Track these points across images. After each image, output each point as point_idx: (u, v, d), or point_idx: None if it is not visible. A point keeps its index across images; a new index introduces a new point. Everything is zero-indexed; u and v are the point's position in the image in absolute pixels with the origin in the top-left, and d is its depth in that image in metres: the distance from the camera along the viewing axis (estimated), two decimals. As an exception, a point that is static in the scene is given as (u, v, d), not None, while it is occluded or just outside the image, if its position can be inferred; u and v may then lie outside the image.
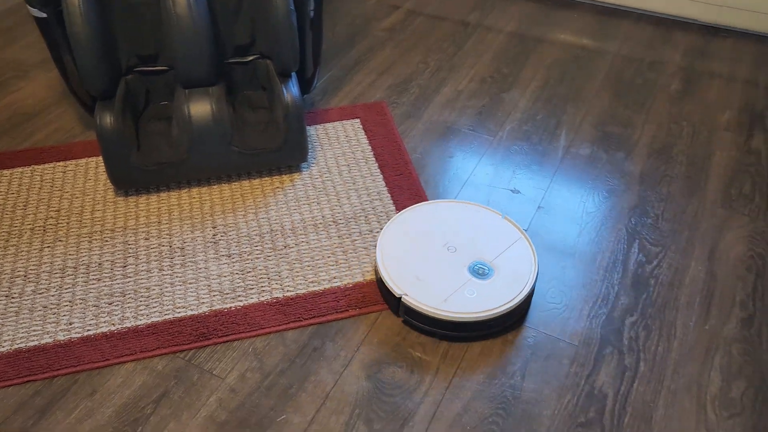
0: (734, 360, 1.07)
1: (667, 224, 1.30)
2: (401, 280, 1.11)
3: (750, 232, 1.28)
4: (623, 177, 1.41)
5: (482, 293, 1.10)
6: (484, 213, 1.24)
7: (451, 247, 1.17)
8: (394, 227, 1.21)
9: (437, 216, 1.23)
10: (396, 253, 1.16)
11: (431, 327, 1.09)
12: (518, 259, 1.15)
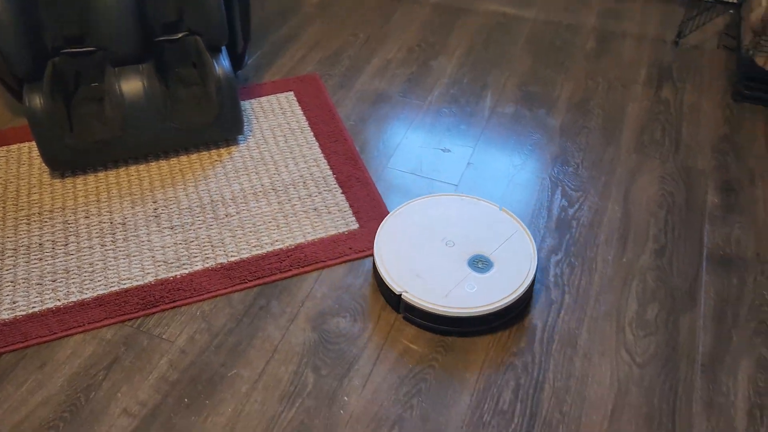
0: (648, 286, 1.17)
1: (586, 171, 1.39)
2: (400, 277, 1.10)
3: (661, 173, 1.39)
4: (545, 131, 1.49)
5: (483, 287, 1.08)
6: (482, 206, 1.22)
7: (450, 241, 1.15)
8: (390, 223, 1.18)
9: (434, 210, 1.21)
10: (393, 250, 1.14)
11: (433, 323, 1.08)
12: (517, 250, 1.14)
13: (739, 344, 1.08)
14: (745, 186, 1.35)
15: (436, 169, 1.40)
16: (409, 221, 1.19)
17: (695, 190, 1.35)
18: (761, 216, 1.29)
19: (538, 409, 1.00)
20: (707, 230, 1.26)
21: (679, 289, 1.16)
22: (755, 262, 1.20)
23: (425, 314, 1.07)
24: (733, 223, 1.28)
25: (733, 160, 1.41)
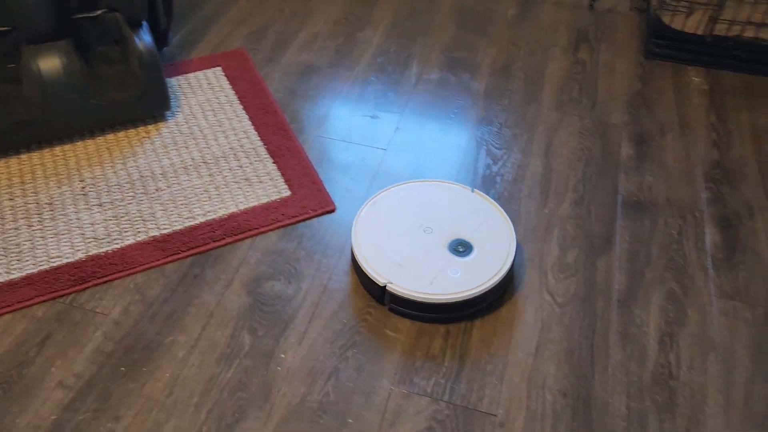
0: (568, 234, 1.23)
1: (509, 130, 1.45)
2: (382, 268, 1.09)
3: (579, 129, 1.46)
4: (470, 95, 1.54)
5: (466, 271, 1.09)
6: (454, 189, 1.23)
7: (428, 228, 1.16)
8: (365, 214, 1.18)
9: (408, 198, 1.22)
10: (372, 241, 1.14)
11: (420, 312, 1.08)
12: (494, 231, 1.16)
13: (651, 280, 1.15)
14: (656, 137, 1.43)
15: (366, 136, 1.43)
16: (384, 211, 1.19)
17: (610, 142, 1.42)
18: (671, 163, 1.37)
19: (467, 352, 1.05)
20: (622, 179, 1.34)
21: (597, 234, 1.23)
22: (665, 206, 1.28)
23: (412, 303, 1.07)
24: (645, 171, 1.36)
25: (645, 114, 1.49)
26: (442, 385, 1.01)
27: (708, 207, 1.28)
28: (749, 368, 1.03)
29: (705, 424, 0.96)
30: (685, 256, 1.19)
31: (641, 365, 1.03)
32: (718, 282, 1.15)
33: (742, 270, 1.17)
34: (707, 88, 1.56)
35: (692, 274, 1.16)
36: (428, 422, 0.96)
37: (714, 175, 1.35)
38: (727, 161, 1.38)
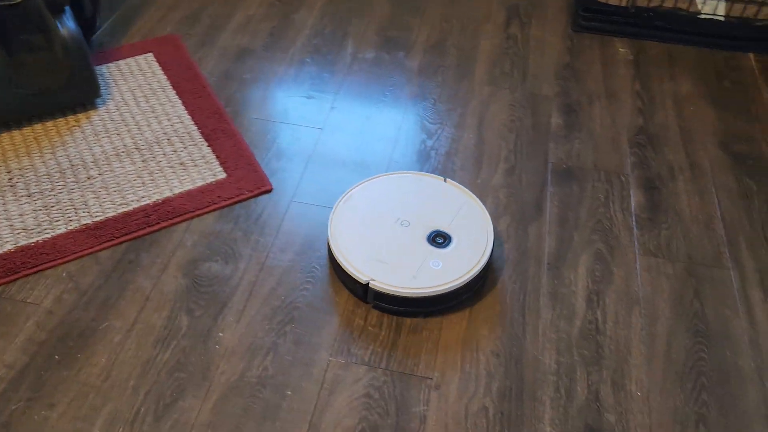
0: (501, 202, 1.27)
1: (443, 105, 1.48)
2: (363, 265, 1.08)
3: (510, 101, 1.49)
4: (404, 72, 1.56)
5: (447, 262, 1.09)
6: (427, 180, 1.22)
7: (404, 221, 1.14)
8: (340, 211, 1.16)
9: (381, 192, 1.20)
10: (350, 238, 1.12)
11: (405, 307, 1.07)
12: (471, 219, 1.16)
13: (580, 242, 1.20)
14: (584, 106, 1.48)
15: (301, 116, 1.44)
16: (359, 207, 1.17)
17: (541, 113, 1.46)
18: (598, 130, 1.42)
19: (402, 320, 1.07)
20: (552, 148, 1.38)
21: (528, 202, 1.27)
22: (593, 171, 1.33)
23: (396, 299, 1.06)
24: (573, 139, 1.40)
25: (574, 85, 1.54)
26: (379, 353, 1.03)
27: (633, 171, 1.34)
28: (670, 320, 1.08)
29: (629, 373, 1.01)
30: (612, 218, 1.24)
31: (570, 323, 1.07)
32: (642, 240, 1.20)
33: (664, 228, 1.22)
34: (632, 59, 1.61)
35: (618, 234, 1.21)
36: (366, 389, 0.98)
37: (638, 140, 1.40)
38: (650, 127, 1.43)
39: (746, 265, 1.16)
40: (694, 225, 1.23)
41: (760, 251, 1.19)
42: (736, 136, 1.41)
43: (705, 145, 1.39)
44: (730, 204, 1.27)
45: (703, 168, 1.34)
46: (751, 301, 1.11)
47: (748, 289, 1.13)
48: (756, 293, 1.12)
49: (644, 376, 1.01)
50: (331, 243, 1.12)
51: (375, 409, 0.96)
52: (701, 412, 0.97)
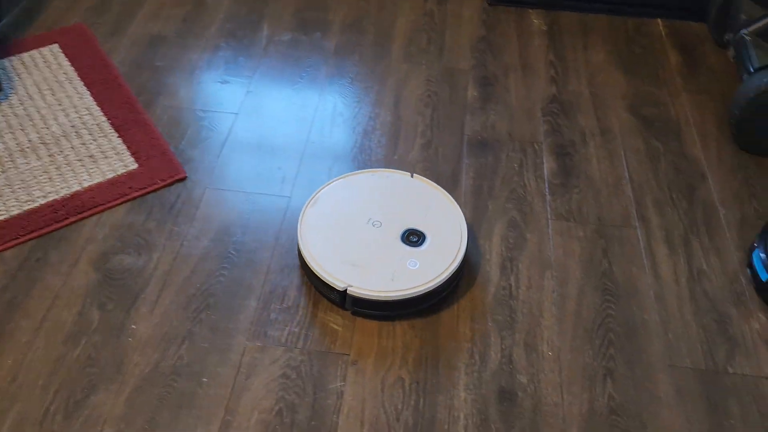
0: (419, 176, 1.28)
1: (360, 84, 1.47)
2: (338, 271, 1.04)
3: (427, 77, 1.50)
4: (321, 53, 1.55)
5: (424, 261, 1.06)
6: (393, 177, 1.19)
7: (376, 222, 1.10)
8: (308, 216, 1.12)
9: (349, 192, 1.16)
10: (322, 244, 1.08)
11: (385, 311, 1.04)
12: (443, 214, 1.13)
13: (494, 211, 1.22)
14: (500, 78, 1.50)
15: (216, 101, 1.41)
16: (327, 210, 1.13)
17: (457, 87, 1.47)
18: (513, 102, 1.44)
19: (320, 299, 1.07)
20: (468, 120, 1.40)
21: (444, 174, 1.28)
22: (508, 141, 1.35)
23: (376, 304, 1.03)
24: (489, 111, 1.42)
25: (490, 58, 1.55)
26: (296, 333, 1.03)
27: (546, 138, 1.36)
28: (580, 281, 1.11)
29: (541, 335, 1.04)
30: (525, 185, 1.27)
31: (484, 291, 1.09)
32: (554, 206, 1.23)
33: (575, 193, 1.26)
34: (546, 29, 1.64)
35: (531, 201, 1.24)
36: (283, 370, 0.98)
37: (552, 108, 1.43)
38: (563, 95, 1.46)
39: (652, 223, 1.20)
40: (604, 188, 1.27)
41: (666, 209, 1.23)
42: (645, 100, 1.46)
43: (615, 110, 1.43)
44: (638, 165, 1.31)
45: (613, 132, 1.38)
46: (657, 258, 1.15)
47: (653, 246, 1.17)
48: (661, 249, 1.16)
49: (555, 336, 1.04)
50: (302, 250, 1.07)
51: (292, 389, 0.96)
52: (609, 366, 1.00)
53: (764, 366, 1.00)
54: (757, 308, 1.08)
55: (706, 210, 1.23)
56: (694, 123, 1.40)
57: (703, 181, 1.28)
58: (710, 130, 1.39)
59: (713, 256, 1.15)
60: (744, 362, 1.01)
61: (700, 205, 1.24)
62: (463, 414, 0.94)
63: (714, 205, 1.24)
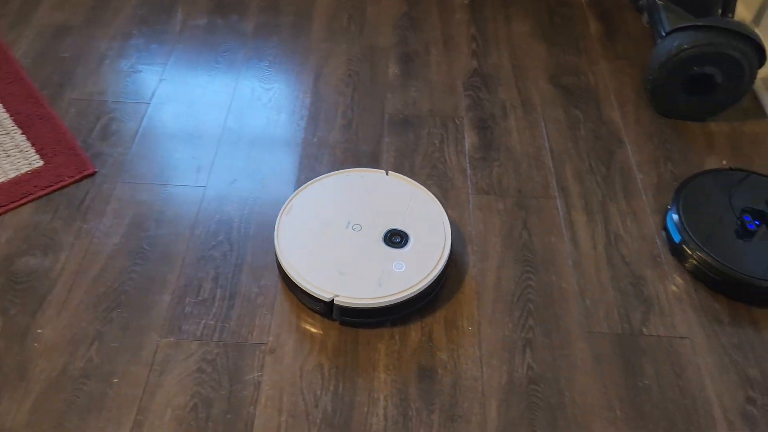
0: (338, 158, 1.25)
1: (279, 66, 1.43)
2: (323, 281, 0.98)
3: (348, 56, 1.47)
4: (239, 36, 1.50)
5: (410, 262, 1.01)
6: (368, 176, 1.14)
7: (356, 225, 1.05)
8: (284, 225, 1.06)
9: (323, 196, 1.11)
10: (302, 254, 1.02)
11: (375, 318, 0.99)
12: (423, 211, 1.09)
13: (415, 189, 1.21)
14: (421, 54, 1.48)
15: (127, 92, 1.35)
16: (303, 217, 1.07)
17: (378, 65, 1.45)
18: (434, 77, 1.42)
19: (237, 289, 1.05)
20: (389, 98, 1.37)
21: (365, 154, 1.26)
22: (429, 118, 1.34)
23: (365, 312, 0.98)
24: (410, 88, 1.40)
25: (411, 34, 1.53)
26: (212, 326, 1.00)
27: (467, 113, 1.35)
28: (500, 254, 1.11)
29: (461, 311, 1.03)
30: (446, 161, 1.26)
31: (405, 269, 1.09)
32: (474, 180, 1.22)
33: (496, 166, 1.25)
34: (468, 3, 1.62)
35: (452, 177, 1.23)
36: (198, 364, 0.95)
37: (473, 82, 1.42)
38: (485, 68, 1.45)
39: (572, 192, 1.21)
40: (525, 159, 1.26)
41: (585, 177, 1.23)
42: (565, 70, 1.46)
43: (536, 81, 1.43)
44: (558, 135, 1.31)
45: (534, 103, 1.38)
46: (575, 226, 1.15)
47: (572, 214, 1.17)
48: (580, 217, 1.17)
49: (475, 311, 1.03)
50: (282, 262, 1.02)
51: (208, 383, 0.93)
52: (528, 336, 1.00)
53: (678, 325, 1.02)
54: (672, 270, 1.09)
55: (623, 175, 1.24)
56: (613, 89, 1.41)
57: (621, 147, 1.29)
58: (628, 95, 1.40)
59: (630, 221, 1.16)
60: (659, 323, 1.02)
61: (618, 171, 1.25)
62: (383, 395, 0.93)
63: (631, 170, 1.25)
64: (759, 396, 0.94)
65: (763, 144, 1.31)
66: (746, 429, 0.91)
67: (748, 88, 1.27)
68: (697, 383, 0.95)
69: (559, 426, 0.91)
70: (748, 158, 1.28)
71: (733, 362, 0.98)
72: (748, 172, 1.18)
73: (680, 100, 1.30)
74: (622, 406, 0.93)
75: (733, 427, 0.91)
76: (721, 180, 1.16)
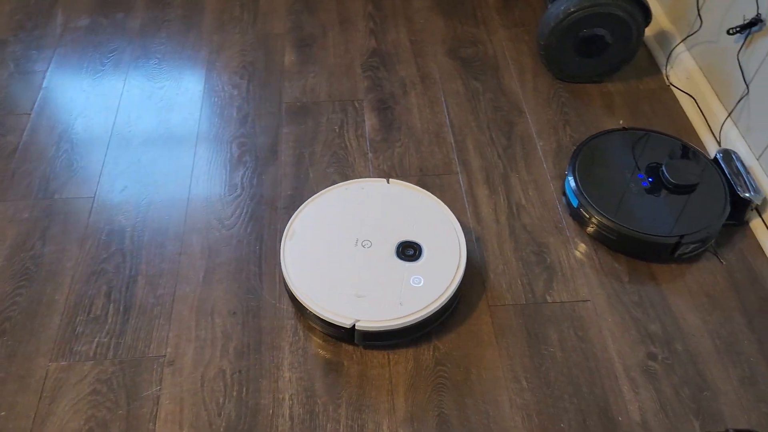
0: (234, 155, 1.21)
1: (170, 62, 1.37)
2: (341, 307, 0.92)
3: (242, 46, 1.41)
4: (125, 35, 1.43)
5: (428, 275, 0.95)
6: (369, 187, 1.06)
7: (365, 242, 0.98)
8: (289, 253, 0.98)
9: (325, 215, 1.03)
10: (314, 279, 0.95)
11: (399, 338, 0.94)
12: (432, 218, 1.02)
13: (316, 179, 1.17)
14: (318, 38, 1.44)
15: (5, 104, 1.27)
16: (308, 239, 1.00)
17: (273, 53, 1.40)
18: (332, 61, 1.39)
19: (132, 302, 1.00)
20: (286, 87, 1.33)
21: (262, 147, 1.22)
22: (327, 103, 1.30)
23: (388, 334, 0.92)
24: (307, 74, 1.36)
25: (307, 18, 1.49)
26: (105, 344, 0.95)
27: (367, 94, 1.32)
28: (404, 235, 1.10)
29: (366, 298, 1.02)
30: (347, 147, 1.23)
31: (307, 262, 1.06)
32: (376, 163, 1.20)
33: (397, 147, 1.23)
34: (364, -20, 1.59)
35: (353, 162, 1.20)
36: (92, 386, 0.91)
37: (372, 62, 1.39)
38: (383, 46, 1.42)
39: (473, 166, 1.20)
40: (426, 137, 1.25)
41: (486, 150, 1.23)
42: (463, 41, 1.44)
43: (435, 56, 1.41)
44: (458, 109, 1.30)
45: (433, 78, 1.36)
46: (478, 200, 1.15)
47: (474, 189, 1.16)
48: (482, 191, 1.16)
49: (380, 296, 1.02)
50: (294, 291, 0.94)
51: (103, 404, 0.89)
52: (433, 317, 1.00)
53: (580, 289, 1.02)
54: (574, 235, 1.10)
55: (524, 144, 1.24)
56: (511, 58, 1.40)
57: (521, 116, 1.29)
58: (526, 63, 1.39)
59: (532, 190, 1.16)
60: (562, 289, 1.02)
61: (518, 141, 1.24)
62: (288, 395, 0.91)
63: (532, 138, 1.25)
64: (659, 351, 0.96)
65: (660, 100, 1.33)
66: (648, 384, 0.92)
67: (637, 46, 1.28)
68: (600, 344, 0.96)
69: (466, 404, 0.90)
70: (646, 116, 1.29)
71: (633, 319, 0.99)
72: (644, 131, 1.19)
73: (574, 63, 1.30)
74: (527, 376, 0.93)
75: (635, 384, 0.92)
76: (616, 141, 1.17)
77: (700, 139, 1.25)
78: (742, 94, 1.15)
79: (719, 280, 1.04)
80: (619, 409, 0.90)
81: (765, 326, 0.99)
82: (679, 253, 1.04)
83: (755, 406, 0.90)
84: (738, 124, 1.17)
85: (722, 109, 1.21)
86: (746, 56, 1.14)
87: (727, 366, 0.94)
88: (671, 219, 1.05)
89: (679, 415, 0.90)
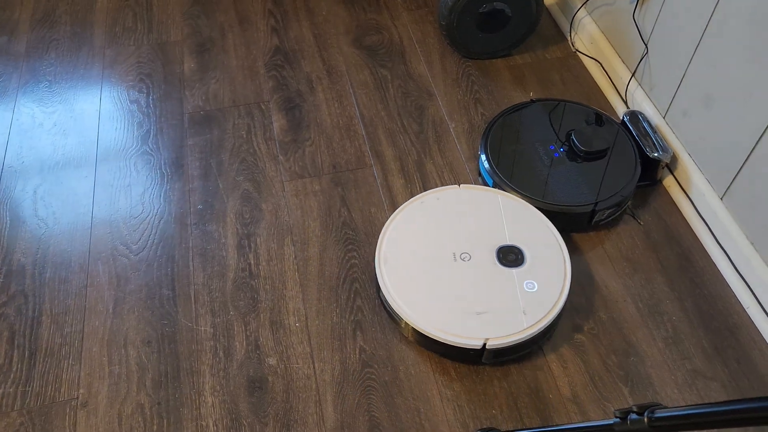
0: (139, 171, 1.15)
1: (61, 84, 1.29)
2: (466, 328, 0.87)
3: (137, 59, 1.35)
4: (9, 59, 1.34)
5: (538, 278, 0.91)
6: (444, 196, 1.01)
7: (463, 254, 0.94)
8: (391, 279, 0.92)
9: (410, 235, 0.97)
10: (429, 307, 0.89)
11: (526, 349, 0.90)
12: (519, 217, 0.98)
13: (225, 189, 1.13)
14: (217, 41, 1.38)
15: None
16: (402, 265, 0.94)
17: (172, 62, 1.34)
18: (233, 63, 1.33)
19: (37, 345, 0.94)
20: (187, 96, 1.27)
21: (168, 162, 1.16)
22: (232, 109, 1.25)
23: (519, 347, 0.88)
24: (209, 80, 1.30)
25: (204, 22, 1.42)
26: (11, 394, 0.89)
27: (273, 95, 1.28)
28: (321, 237, 1.06)
29: (286, 308, 0.98)
30: (256, 152, 1.18)
31: (222, 278, 1.01)
32: (287, 166, 1.16)
33: (308, 146, 1.19)
34: (261, -24, 1.54)
35: (264, 167, 1.16)
36: (0, 441, 0.86)
37: (275, 61, 1.34)
38: (286, 43, 1.38)
39: (386, 156, 1.17)
40: (336, 132, 1.21)
41: (398, 138, 1.20)
42: (367, 29, 1.40)
43: (340, 47, 1.37)
44: (367, 100, 1.27)
45: (340, 71, 1.32)
46: (393, 191, 1.12)
47: (389, 180, 1.13)
48: (397, 181, 1.13)
49: (301, 304, 0.98)
50: (411, 323, 0.89)
51: (14, 459, 0.84)
52: (357, 318, 0.96)
53: (503, 270, 1.01)
54: (493, 214, 1.09)
55: (436, 128, 1.21)
56: (417, 41, 1.37)
57: (431, 99, 1.26)
58: (433, 44, 1.37)
59: (447, 174, 1.14)
60: (485, 272, 1.01)
61: (430, 125, 1.22)
62: (213, 420, 0.87)
63: (443, 120, 1.23)
64: (584, 322, 0.95)
65: (568, 68, 1.32)
66: (576, 358, 0.92)
67: (539, 16, 1.27)
68: (527, 324, 0.96)
69: (396, 403, 0.88)
70: (556, 85, 1.29)
71: (558, 294, 0.99)
72: (554, 101, 1.18)
73: (478, 40, 1.28)
74: (455, 365, 0.92)
75: (563, 359, 0.92)
76: (526, 114, 1.16)
77: (609, 103, 1.25)
78: (642, 53, 1.15)
79: (638, 243, 1.04)
80: (549, 387, 0.89)
81: (684, 284, 0.99)
82: (596, 220, 1.04)
83: (680, 365, 0.91)
84: (642, 84, 1.18)
85: (626, 71, 1.21)
86: (641, 16, 1.14)
87: (651, 328, 0.95)
88: (586, 187, 1.04)
89: (608, 384, 0.89)
